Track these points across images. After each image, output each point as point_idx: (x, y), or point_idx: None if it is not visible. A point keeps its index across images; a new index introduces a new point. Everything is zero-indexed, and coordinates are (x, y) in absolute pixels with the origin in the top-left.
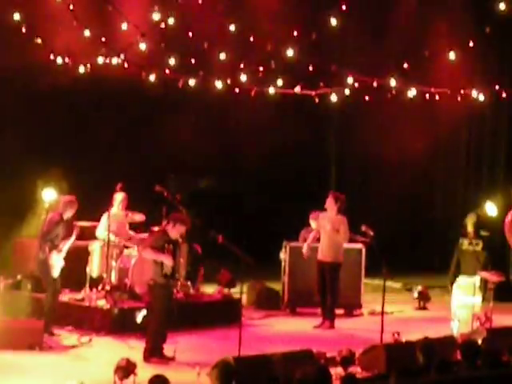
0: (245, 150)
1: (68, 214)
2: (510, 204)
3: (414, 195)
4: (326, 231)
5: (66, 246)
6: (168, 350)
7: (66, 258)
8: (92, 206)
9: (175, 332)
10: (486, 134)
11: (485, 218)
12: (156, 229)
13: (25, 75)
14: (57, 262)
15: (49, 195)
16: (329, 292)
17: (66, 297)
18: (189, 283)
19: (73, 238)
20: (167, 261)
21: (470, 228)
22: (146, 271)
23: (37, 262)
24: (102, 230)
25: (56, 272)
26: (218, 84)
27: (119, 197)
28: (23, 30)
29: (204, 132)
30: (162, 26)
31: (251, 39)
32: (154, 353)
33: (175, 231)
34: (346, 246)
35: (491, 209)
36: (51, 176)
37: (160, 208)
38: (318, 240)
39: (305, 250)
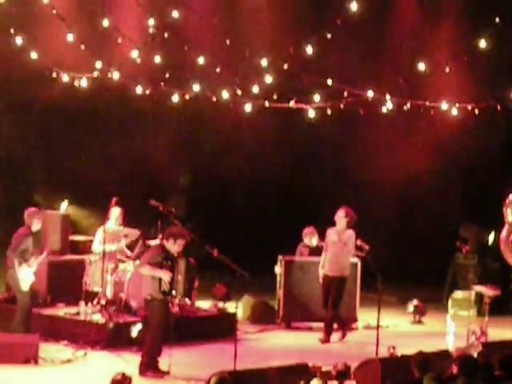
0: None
1: (35, 225)
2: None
3: (410, 207)
4: (333, 245)
5: (37, 261)
6: (163, 364)
7: (62, 272)
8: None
9: (170, 346)
10: (482, 147)
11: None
12: (153, 243)
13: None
14: (26, 276)
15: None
16: (331, 306)
17: (61, 311)
18: (186, 299)
19: (44, 255)
20: (165, 277)
21: (471, 243)
22: (142, 285)
23: (8, 276)
24: (97, 244)
25: (25, 286)
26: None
27: (116, 212)
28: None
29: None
30: (157, 38)
31: (246, 53)
32: (149, 367)
33: (176, 247)
34: None
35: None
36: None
37: (155, 222)
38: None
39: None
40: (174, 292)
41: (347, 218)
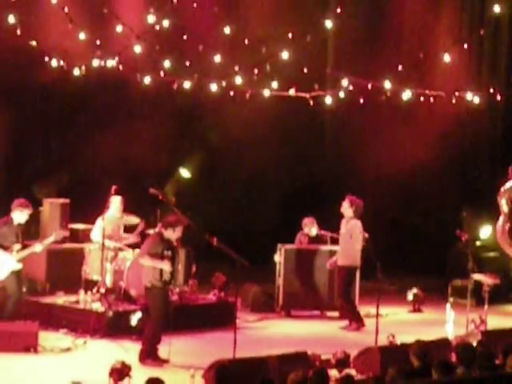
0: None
1: (17, 216)
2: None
3: (409, 196)
4: (340, 235)
5: (21, 254)
6: (163, 352)
7: (61, 261)
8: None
9: (170, 334)
10: (482, 136)
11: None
12: (151, 233)
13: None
14: (3, 264)
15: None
16: (340, 296)
17: (60, 299)
18: (186, 288)
19: (35, 249)
20: (166, 267)
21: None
22: (142, 274)
23: None
24: (96, 233)
25: (1, 274)
26: (213, 86)
27: (116, 200)
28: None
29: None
30: (157, 28)
31: (246, 42)
32: (149, 354)
33: (176, 234)
34: None
35: None
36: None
37: (155, 211)
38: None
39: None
40: (174, 282)
41: (352, 207)
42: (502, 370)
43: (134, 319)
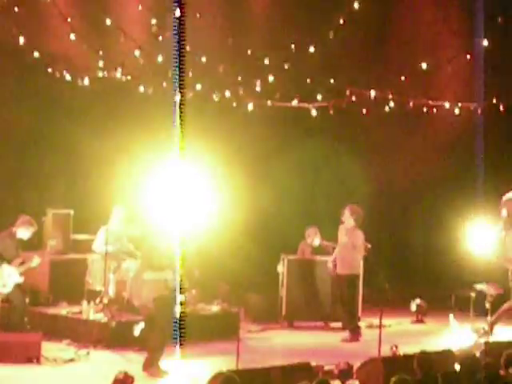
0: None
1: (21, 233)
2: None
3: (411, 208)
4: (340, 244)
5: (21, 267)
6: (165, 362)
7: (64, 271)
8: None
9: (173, 345)
10: (484, 147)
11: None
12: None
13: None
14: (9, 277)
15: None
16: (344, 304)
17: (63, 310)
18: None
19: (32, 263)
20: (169, 277)
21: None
22: (145, 284)
23: None
24: (99, 244)
25: (2, 287)
26: (216, 97)
27: (119, 211)
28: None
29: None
30: (160, 38)
31: (248, 52)
32: (154, 364)
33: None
34: None
35: None
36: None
37: None
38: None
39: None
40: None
41: (353, 216)
42: (505, 381)
43: (137, 330)
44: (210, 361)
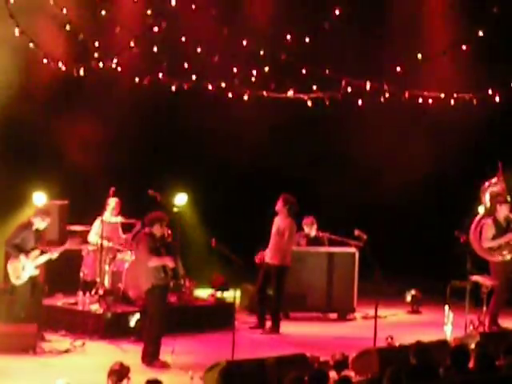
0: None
1: (39, 223)
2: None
3: (408, 199)
4: (272, 234)
5: (40, 258)
6: (163, 354)
7: (58, 263)
8: (85, 209)
9: (169, 336)
10: (481, 137)
11: None
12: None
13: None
14: (21, 269)
15: (39, 199)
16: (274, 295)
17: (59, 301)
18: (187, 280)
19: (52, 256)
20: (170, 263)
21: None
22: (140, 275)
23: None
24: (93, 235)
25: (17, 279)
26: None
27: (112, 202)
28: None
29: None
30: (155, 29)
31: (244, 43)
32: (155, 356)
33: (163, 229)
34: (339, 250)
35: None
36: (42, 180)
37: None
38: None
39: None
40: (177, 275)
41: (286, 205)
42: (500, 372)
43: (133, 321)
44: (205, 352)
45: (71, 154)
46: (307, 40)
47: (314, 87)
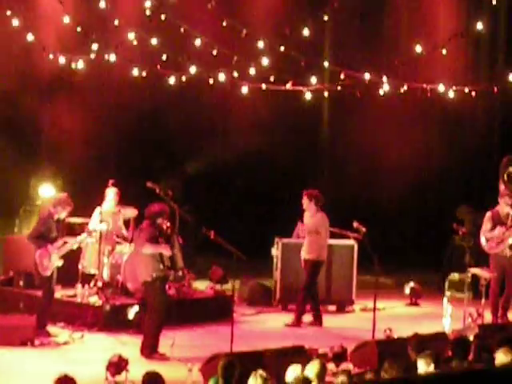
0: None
1: (60, 212)
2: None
3: (406, 192)
4: (306, 232)
5: (63, 249)
6: (163, 346)
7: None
8: (84, 201)
9: (168, 328)
10: (479, 129)
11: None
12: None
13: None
14: (49, 260)
15: (45, 192)
16: (304, 287)
17: (58, 293)
18: (186, 272)
19: (73, 245)
20: (166, 252)
21: (467, 225)
22: (139, 267)
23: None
24: (93, 226)
25: (46, 270)
26: (210, 80)
27: (111, 192)
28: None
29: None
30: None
31: (243, 34)
32: (155, 349)
33: (165, 222)
34: (338, 242)
35: None
36: (44, 173)
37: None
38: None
39: None
40: (175, 266)
41: (312, 201)
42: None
43: (132, 313)
44: (204, 344)
45: (69, 147)
46: (306, 31)
47: (314, 79)
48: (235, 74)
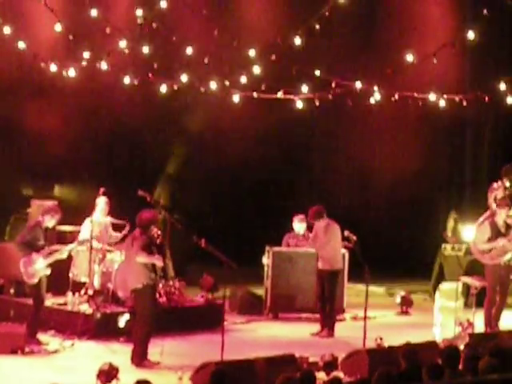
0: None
1: (48, 221)
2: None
3: (396, 201)
4: (319, 242)
5: (50, 258)
6: (153, 354)
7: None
8: (74, 210)
9: (158, 336)
10: (469, 139)
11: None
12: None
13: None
14: (34, 268)
15: (36, 199)
16: (328, 299)
17: (48, 301)
18: (177, 282)
19: (61, 255)
20: (158, 262)
21: (449, 233)
22: (130, 275)
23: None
24: (84, 235)
25: (31, 278)
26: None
27: (101, 202)
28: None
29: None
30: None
31: (234, 44)
32: (144, 356)
33: (155, 230)
34: None
35: None
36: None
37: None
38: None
39: None
40: (166, 275)
41: (316, 219)
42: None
43: (122, 321)
44: (194, 352)
45: (60, 152)
46: (297, 40)
47: (305, 88)
48: (226, 83)
